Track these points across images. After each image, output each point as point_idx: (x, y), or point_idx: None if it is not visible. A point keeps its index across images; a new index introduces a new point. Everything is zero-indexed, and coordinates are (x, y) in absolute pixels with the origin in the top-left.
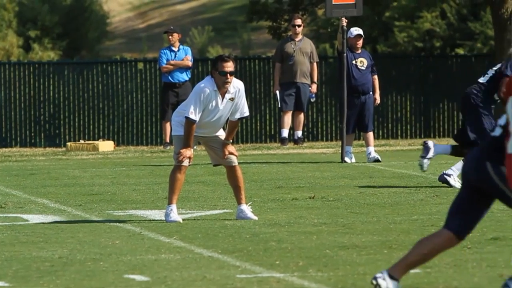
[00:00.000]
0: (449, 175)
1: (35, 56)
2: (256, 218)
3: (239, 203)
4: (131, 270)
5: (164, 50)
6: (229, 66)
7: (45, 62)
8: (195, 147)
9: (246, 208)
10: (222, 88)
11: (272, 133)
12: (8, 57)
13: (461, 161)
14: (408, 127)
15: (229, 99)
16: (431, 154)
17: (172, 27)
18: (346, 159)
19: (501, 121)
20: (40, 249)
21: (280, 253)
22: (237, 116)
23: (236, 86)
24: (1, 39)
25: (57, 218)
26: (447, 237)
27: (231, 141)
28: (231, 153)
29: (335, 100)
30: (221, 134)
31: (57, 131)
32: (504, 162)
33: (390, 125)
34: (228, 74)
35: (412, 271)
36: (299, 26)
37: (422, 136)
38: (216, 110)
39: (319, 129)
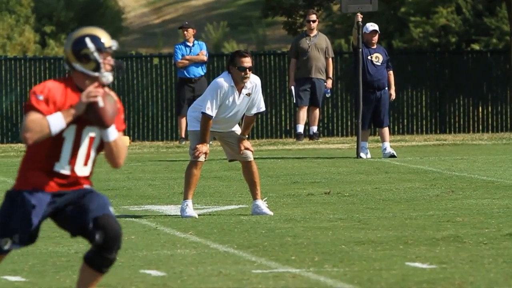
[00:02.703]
0: None
1: (51, 52)
2: (271, 213)
3: (255, 198)
4: (147, 265)
5: (179, 46)
6: (248, 61)
7: (61, 58)
8: (210, 143)
9: (262, 204)
10: (240, 83)
11: (288, 128)
12: (24, 52)
13: None
14: (424, 122)
15: (246, 94)
16: None
17: (187, 23)
18: (362, 154)
19: None
20: (56, 244)
21: (295, 248)
22: (254, 111)
23: (253, 81)
24: (18, 34)
25: None
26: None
27: (247, 136)
28: (246, 148)
29: (350, 96)
30: (237, 129)
31: None
32: None
33: (405, 120)
34: (247, 70)
35: (428, 266)
36: (314, 21)
37: (438, 132)
38: (233, 105)
39: (335, 125)
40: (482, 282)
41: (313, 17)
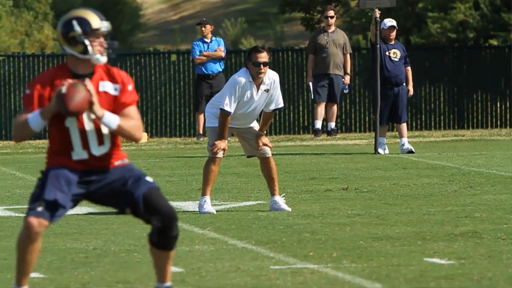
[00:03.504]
0: None
1: None
2: (289, 209)
3: (273, 194)
4: None
5: (197, 42)
6: (263, 56)
7: None
8: (228, 139)
9: (280, 199)
10: (256, 78)
11: (306, 124)
12: (43, 49)
13: None
14: (442, 118)
15: (264, 90)
16: None
17: (204, 19)
18: (380, 150)
19: None
20: (75, 240)
21: (314, 244)
22: (272, 107)
23: (271, 77)
24: (37, 31)
25: (91, 210)
26: None
27: (265, 132)
28: (265, 144)
29: (368, 92)
30: (255, 125)
31: None
32: None
33: (423, 116)
34: (262, 65)
35: (446, 262)
36: (332, 17)
37: (456, 128)
38: (251, 101)
39: (352, 121)
40: (501, 278)
41: (331, 13)
